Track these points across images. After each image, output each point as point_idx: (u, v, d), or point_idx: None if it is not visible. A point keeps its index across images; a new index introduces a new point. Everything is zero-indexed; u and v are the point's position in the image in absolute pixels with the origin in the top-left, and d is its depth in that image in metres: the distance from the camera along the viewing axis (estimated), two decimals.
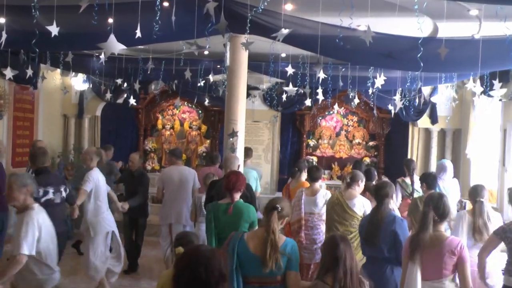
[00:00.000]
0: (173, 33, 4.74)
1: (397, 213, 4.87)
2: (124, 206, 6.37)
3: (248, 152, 7.77)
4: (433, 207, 3.54)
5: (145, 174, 7.10)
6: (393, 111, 8.75)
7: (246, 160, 7.66)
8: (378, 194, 4.15)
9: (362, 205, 5.11)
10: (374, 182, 6.17)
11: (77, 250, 7.87)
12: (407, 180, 6.53)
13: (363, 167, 7.08)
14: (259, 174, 7.86)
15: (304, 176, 6.58)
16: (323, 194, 5.96)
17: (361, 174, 5.34)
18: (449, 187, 6.22)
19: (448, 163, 6.41)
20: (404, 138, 10.73)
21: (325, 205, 5.76)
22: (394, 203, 4.43)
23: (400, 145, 10.70)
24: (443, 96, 9.33)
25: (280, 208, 3.26)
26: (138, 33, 3.92)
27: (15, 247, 3.52)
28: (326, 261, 2.87)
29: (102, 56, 5.74)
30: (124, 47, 3.97)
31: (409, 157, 10.21)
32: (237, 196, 4.21)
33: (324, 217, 5.76)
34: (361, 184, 5.26)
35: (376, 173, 6.72)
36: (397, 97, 8.41)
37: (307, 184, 6.26)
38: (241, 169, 6.56)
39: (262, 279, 3.11)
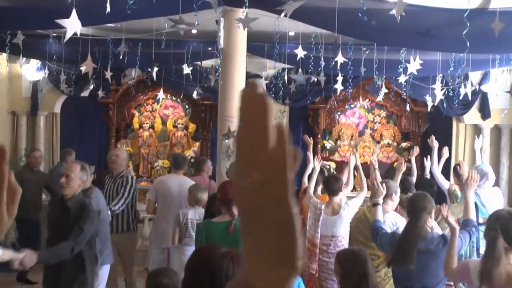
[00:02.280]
0: (152, 7, 4.81)
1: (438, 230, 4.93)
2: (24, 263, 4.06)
3: None
4: (502, 230, 3.35)
5: (89, 205, 4.71)
6: (431, 104, 8.79)
7: None
8: (412, 208, 4.21)
9: (393, 223, 5.16)
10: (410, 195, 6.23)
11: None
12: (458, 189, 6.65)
13: (399, 176, 7.11)
14: None
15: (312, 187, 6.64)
16: (348, 211, 6.00)
17: (395, 185, 5.39)
18: (491, 198, 6.29)
19: (488, 169, 6.49)
20: (447, 137, 10.77)
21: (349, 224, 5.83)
22: (432, 221, 4.48)
23: (442, 146, 10.74)
24: (497, 83, 9.38)
25: None
26: (108, 8, 3.99)
27: None
28: (351, 281, 2.93)
29: (64, 37, 5.79)
30: (89, 25, 4.03)
31: (453, 161, 10.25)
32: (236, 211, 4.27)
33: (348, 239, 5.83)
34: (395, 198, 5.31)
35: (413, 184, 6.79)
36: (437, 85, 8.45)
37: (326, 199, 6.31)
38: None
39: None
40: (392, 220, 5.19)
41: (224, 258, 2.28)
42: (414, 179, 7.03)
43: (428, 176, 7.17)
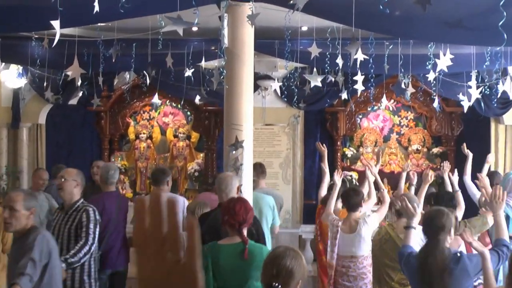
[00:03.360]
0: (147, 4, 4.84)
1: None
2: None
3: (260, 169, 7.82)
4: None
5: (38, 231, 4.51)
6: (466, 104, 8.76)
7: (259, 181, 7.70)
8: (428, 229, 4.21)
9: (422, 240, 5.14)
10: None
11: None
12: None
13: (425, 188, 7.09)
14: (278, 200, 7.90)
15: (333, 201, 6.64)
16: (368, 227, 5.99)
17: (414, 197, 5.40)
18: None
19: None
20: (485, 141, 10.73)
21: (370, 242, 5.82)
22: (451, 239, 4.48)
23: (479, 151, 10.68)
24: None
25: (278, 285, 3.15)
26: (96, 7, 4.01)
27: None
28: None
29: (50, 39, 5.83)
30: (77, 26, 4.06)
31: (492, 167, 10.20)
32: (246, 232, 4.29)
33: (370, 260, 5.83)
34: (418, 211, 5.30)
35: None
36: (472, 82, 8.43)
37: (344, 214, 6.32)
38: (249, 194, 6.61)
39: None
40: (417, 238, 5.16)
41: None
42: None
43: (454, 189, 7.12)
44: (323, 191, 7.23)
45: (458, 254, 4.17)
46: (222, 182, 5.52)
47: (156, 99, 9.68)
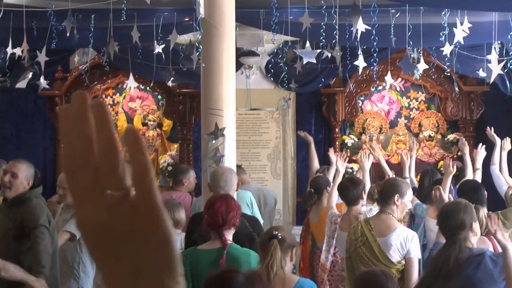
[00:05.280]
0: None
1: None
2: None
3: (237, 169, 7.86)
4: None
5: None
6: (488, 81, 8.81)
7: (241, 177, 7.75)
8: (444, 225, 4.23)
9: (402, 245, 5.17)
10: None
11: None
12: None
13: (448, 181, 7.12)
14: (271, 195, 7.98)
15: (324, 200, 6.71)
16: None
17: (402, 184, 5.40)
18: None
19: None
20: (509, 124, 10.78)
21: None
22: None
23: (504, 137, 10.73)
24: None
25: (281, 235, 3.83)
26: None
27: None
28: None
29: None
30: None
31: None
32: (230, 236, 4.30)
33: None
34: (404, 202, 5.36)
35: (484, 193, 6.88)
36: (493, 56, 8.47)
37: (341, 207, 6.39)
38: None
39: None
40: (401, 238, 5.17)
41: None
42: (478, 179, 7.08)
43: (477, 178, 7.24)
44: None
45: (480, 256, 4.17)
46: (221, 178, 5.53)
47: (132, 81, 9.64)
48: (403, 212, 5.36)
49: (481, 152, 7.56)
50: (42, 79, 9.16)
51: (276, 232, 3.94)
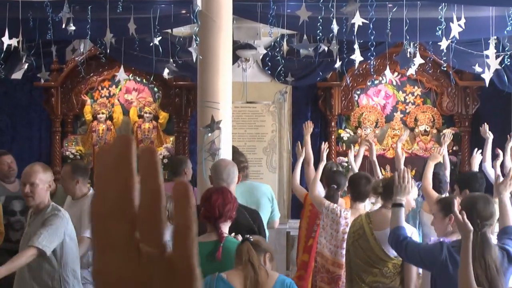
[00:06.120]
0: None
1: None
2: None
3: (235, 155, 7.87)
4: None
5: None
6: (487, 76, 8.82)
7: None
8: (476, 216, 4.21)
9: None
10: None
11: None
12: None
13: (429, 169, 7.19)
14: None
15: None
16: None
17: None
18: None
19: None
20: (505, 120, 10.80)
21: None
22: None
23: (499, 133, 10.74)
24: None
25: (253, 239, 3.99)
26: None
27: None
28: None
29: None
30: None
31: None
32: (226, 229, 4.32)
33: None
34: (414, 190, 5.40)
35: (447, 181, 6.87)
36: (491, 51, 8.48)
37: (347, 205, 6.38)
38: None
39: None
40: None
41: None
42: (447, 173, 7.15)
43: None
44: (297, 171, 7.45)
45: (504, 249, 4.18)
46: (224, 171, 5.52)
47: (122, 73, 9.63)
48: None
49: (477, 157, 7.66)
50: (43, 70, 9.15)
51: (248, 236, 4.05)
